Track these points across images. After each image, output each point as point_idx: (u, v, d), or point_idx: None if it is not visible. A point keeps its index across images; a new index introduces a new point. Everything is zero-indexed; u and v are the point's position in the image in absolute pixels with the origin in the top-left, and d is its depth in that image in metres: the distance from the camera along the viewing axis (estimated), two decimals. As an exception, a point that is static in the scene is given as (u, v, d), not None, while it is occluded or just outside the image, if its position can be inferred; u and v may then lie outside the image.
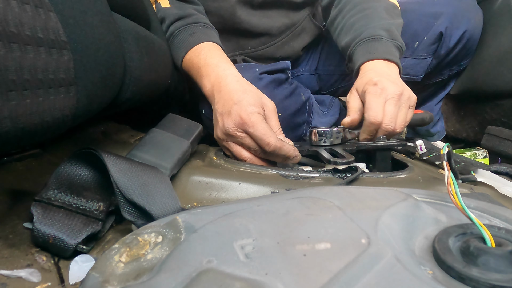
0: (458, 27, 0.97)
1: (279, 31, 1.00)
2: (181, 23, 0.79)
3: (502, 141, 0.66)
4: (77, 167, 0.42)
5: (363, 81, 0.73)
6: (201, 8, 0.86)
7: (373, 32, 0.79)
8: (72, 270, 0.35)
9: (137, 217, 0.39)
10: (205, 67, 0.71)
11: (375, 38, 0.79)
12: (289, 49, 1.03)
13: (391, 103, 0.68)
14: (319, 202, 0.34)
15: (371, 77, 0.72)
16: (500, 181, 0.55)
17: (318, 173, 0.56)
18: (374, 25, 0.81)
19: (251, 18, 0.94)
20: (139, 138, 0.65)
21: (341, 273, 0.24)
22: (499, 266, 0.25)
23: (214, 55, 0.73)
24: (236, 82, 0.66)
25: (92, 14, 0.42)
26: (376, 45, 0.78)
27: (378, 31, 0.80)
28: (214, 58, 0.72)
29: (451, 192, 0.31)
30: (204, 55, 0.73)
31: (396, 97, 0.69)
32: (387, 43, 0.79)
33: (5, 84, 0.28)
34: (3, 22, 0.28)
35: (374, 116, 0.68)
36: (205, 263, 0.25)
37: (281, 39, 1.02)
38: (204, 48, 0.75)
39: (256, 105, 0.62)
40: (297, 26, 1.03)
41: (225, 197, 0.51)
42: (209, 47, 0.75)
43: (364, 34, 0.81)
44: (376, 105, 0.68)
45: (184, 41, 0.77)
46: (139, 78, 0.56)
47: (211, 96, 0.69)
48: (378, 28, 0.80)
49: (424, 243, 0.29)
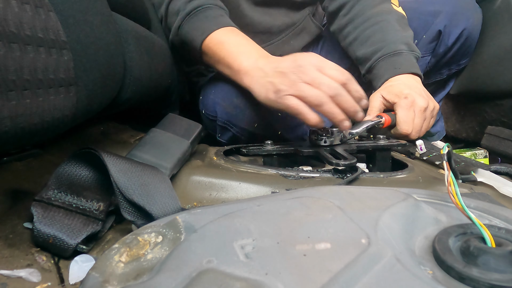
0: (456, 25, 0.97)
1: (279, 30, 1.01)
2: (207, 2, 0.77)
3: (502, 141, 0.66)
4: (77, 167, 0.42)
5: (393, 91, 0.78)
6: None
7: (394, 47, 0.84)
8: (72, 270, 0.35)
9: (137, 217, 0.39)
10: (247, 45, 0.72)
11: (398, 53, 0.84)
12: (288, 48, 1.03)
13: (420, 116, 0.75)
14: (319, 202, 0.34)
15: (401, 90, 0.77)
16: (500, 181, 0.55)
17: (318, 173, 0.56)
18: (393, 39, 0.85)
19: (254, 14, 0.95)
20: (139, 138, 0.65)
21: (341, 273, 0.24)
22: (499, 266, 0.25)
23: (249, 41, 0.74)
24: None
25: (92, 14, 0.42)
26: (400, 59, 0.83)
27: (399, 46, 0.84)
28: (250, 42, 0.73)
29: (451, 192, 0.31)
30: (241, 36, 0.74)
31: (423, 109, 0.75)
32: (408, 55, 0.84)
33: (5, 84, 0.28)
34: (3, 22, 0.28)
35: (406, 129, 0.74)
36: (205, 263, 0.25)
37: (281, 38, 1.02)
38: (239, 32, 0.75)
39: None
40: (298, 25, 1.03)
41: (225, 197, 0.51)
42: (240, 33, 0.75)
43: (386, 49, 0.85)
44: (407, 119, 0.74)
45: (217, 17, 0.75)
46: (139, 78, 0.57)
47: (256, 66, 0.67)
48: (398, 43, 0.84)
49: (424, 243, 0.29)
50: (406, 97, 0.75)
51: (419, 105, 0.75)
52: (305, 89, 0.59)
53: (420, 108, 0.75)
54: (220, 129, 0.88)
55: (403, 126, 0.74)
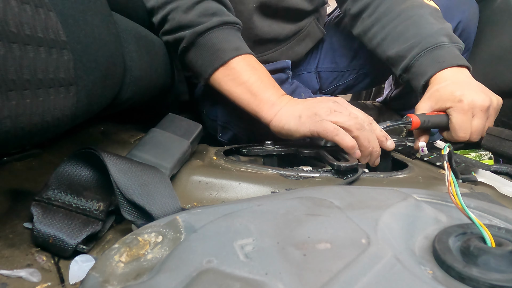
0: (452, 19, 0.96)
1: (286, 38, 1.00)
2: (217, 20, 0.67)
3: (502, 141, 0.66)
4: (77, 167, 0.42)
5: (443, 97, 0.69)
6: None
7: (434, 40, 0.75)
8: (72, 270, 0.35)
9: (137, 217, 0.39)
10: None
11: (439, 45, 0.75)
12: (292, 54, 1.03)
13: (480, 117, 0.66)
14: (319, 202, 0.34)
15: (451, 92, 0.68)
16: (500, 181, 0.55)
17: (318, 173, 0.56)
18: (431, 32, 0.77)
19: (263, 24, 0.93)
20: (139, 138, 0.65)
21: (341, 273, 0.24)
22: (499, 266, 0.25)
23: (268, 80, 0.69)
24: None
25: (92, 14, 0.42)
26: (442, 53, 0.74)
27: (439, 38, 0.75)
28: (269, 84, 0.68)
29: (451, 192, 0.31)
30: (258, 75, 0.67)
31: (485, 109, 0.66)
32: (451, 48, 0.75)
33: (5, 84, 0.28)
34: (3, 22, 0.28)
35: (463, 137, 0.67)
36: (205, 263, 0.25)
37: (285, 44, 1.02)
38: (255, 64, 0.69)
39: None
40: (303, 31, 1.03)
41: (225, 197, 0.51)
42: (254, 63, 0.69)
43: (424, 43, 0.76)
44: (465, 124, 0.66)
45: (230, 41, 0.68)
46: (139, 78, 0.57)
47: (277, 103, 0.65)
48: (437, 35, 0.76)
49: (424, 243, 0.29)
50: (461, 100, 0.66)
51: (480, 105, 0.65)
52: (342, 117, 0.58)
53: (482, 108, 0.65)
54: (221, 129, 0.88)
55: (459, 134, 0.67)
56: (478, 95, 0.66)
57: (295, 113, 0.62)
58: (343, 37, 1.11)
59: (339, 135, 0.57)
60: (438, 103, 0.70)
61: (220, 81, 0.69)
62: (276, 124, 0.64)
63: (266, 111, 0.65)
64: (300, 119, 0.61)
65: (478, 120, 0.66)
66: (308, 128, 0.60)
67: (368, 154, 0.59)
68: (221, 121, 0.86)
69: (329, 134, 0.57)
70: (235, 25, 0.70)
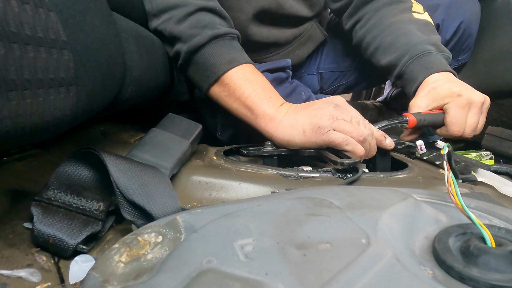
0: (454, 19, 0.97)
1: (287, 41, 1.00)
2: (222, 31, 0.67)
3: (502, 141, 0.66)
4: (77, 167, 0.42)
5: (440, 94, 0.71)
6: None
7: (422, 48, 0.79)
8: (72, 270, 0.35)
9: (137, 217, 0.39)
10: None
11: (427, 53, 0.78)
12: (294, 58, 1.03)
13: (475, 112, 0.69)
14: (319, 202, 0.34)
15: (449, 88, 0.71)
16: (500, 181, 0.55)
17: (318, 173, 0.56)
18: (419, 40, 0.80)
19: (262, 31, 0.93)
20: (139, 138, 0.65)
21: (341, 273, 0.24)
22: (499, 266, 0.25)
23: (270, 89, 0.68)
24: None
25: (92, 14, 0.42)
26: (431, 59, 0.78)
27: (426, 46, 0.79)
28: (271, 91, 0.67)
29: (451, 192, 0.31)
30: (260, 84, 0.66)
31: (480, 105, 0.69)
32: (438, 56, 0.79)
33: (5, 84, 0.28)
34: (3, 22, 0.28)
35: (457, 131, 0.69)
36: (205, 263, 0.25)
37: (287, 48, 1.02)
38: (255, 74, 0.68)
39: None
40: (304, 34, 1.03)
41: (225, 197, 0.51)
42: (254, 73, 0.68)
43: (413, 51, 0.79)
44: (461, 119, 0.69)
45: (232, 51, 0.68)
46: (139, 78, 0.57)
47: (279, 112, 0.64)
48: (424, 44, 0.79)
49: (424, 243, 0.29)
50: (460, 95, 0.69)
51: (477, 101, 0.69)
52: (346, 126, 0.58)
53: (478, 104, 0.69)
54: (221, 127, 0.88)
55: (454, 128, 0.69)
56: (474, 92, 0.70)
57: (298, 127, 0.61)
58: (345, 37, 1.11)
59: (349, 144, 0.57)
60: (436, 101, 0.72)
61: (217, 97, 0.69)
62: (279, 138, 0.63)
63: (265, 126, 0.64)
64: (305, 134, 0.60)
65: (473, 115, 0.69)
66: (315, 142, 0.60)
67: (366, 155, 0.60)
68: (221, 119, 0.86)
69: (339, 145, 0.58)
70: (228, 35, 0.69)
